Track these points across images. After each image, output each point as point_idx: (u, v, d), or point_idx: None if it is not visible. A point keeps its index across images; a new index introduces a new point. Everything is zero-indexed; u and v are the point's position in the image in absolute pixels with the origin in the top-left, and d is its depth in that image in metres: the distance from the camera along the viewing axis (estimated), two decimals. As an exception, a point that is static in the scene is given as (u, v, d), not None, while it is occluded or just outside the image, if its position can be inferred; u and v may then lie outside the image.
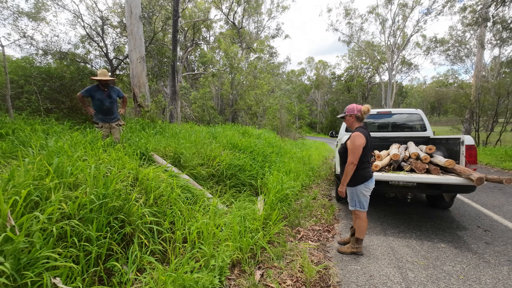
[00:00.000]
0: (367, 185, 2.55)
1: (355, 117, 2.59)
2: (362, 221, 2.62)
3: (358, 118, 2.59)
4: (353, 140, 2.45)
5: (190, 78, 18.33)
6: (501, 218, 3.66)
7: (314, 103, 52.25)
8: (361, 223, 2.62)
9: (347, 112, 2.63)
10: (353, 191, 2.59)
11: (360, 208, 2.60)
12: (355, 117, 2.59)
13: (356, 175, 2.51)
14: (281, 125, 16.12)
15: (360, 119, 2.59)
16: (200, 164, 4.00)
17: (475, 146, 3.34)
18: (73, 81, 7.21)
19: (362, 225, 2.62)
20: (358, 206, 2.60)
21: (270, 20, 27.56)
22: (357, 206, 2.61)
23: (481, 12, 13.01)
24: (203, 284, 1.79)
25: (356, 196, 2.59)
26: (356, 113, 2.57)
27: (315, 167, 7.22)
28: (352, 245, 2.69)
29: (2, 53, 6.33)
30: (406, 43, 24.40)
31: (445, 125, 26.00)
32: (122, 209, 2.16)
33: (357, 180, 2.53)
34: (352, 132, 2.57)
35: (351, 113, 2.59)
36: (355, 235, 2.69)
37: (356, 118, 2.59)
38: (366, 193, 2.57)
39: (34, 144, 2.83)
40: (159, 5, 11.36)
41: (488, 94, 13.17)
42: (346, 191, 2.65)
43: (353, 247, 2.68)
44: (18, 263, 1.45)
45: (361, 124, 2.61)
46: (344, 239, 2.96)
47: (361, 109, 2.56)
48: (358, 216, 2.63)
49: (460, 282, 2.17)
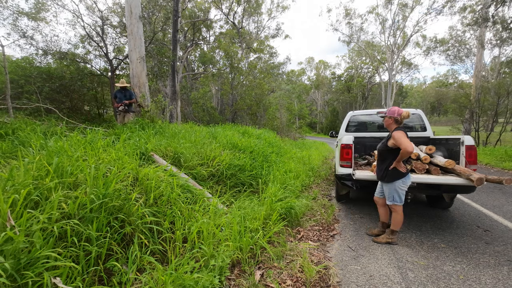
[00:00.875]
0: (405, 181, 2.76)
1: (394, 120, 2.78)
2: (398, 215, 2.81)
3: (396, 121, 2.78)
4: (400, 136, 2.62)
5: (190, 78, 18.32)
6: (501, 218, 3.66)
7: (314, 103, 52.28)
8: (397, 216, 2.82)
9: (388, 114, 2.81)
10: (391, 187, 2.79)
11: (397, 203, 2.79)
12: (394, 120, 2.79)
13: (394, 171, 2.74)
14: (281, 125, 16.13)
15: (398, 122, 2.79)
16: (200, 164, 4.00)
17: (475, 146, 3.34)
18: (73, 81, 7.22)
19: (398, 218, 2.82)
20: (396, 201, 2.78)
21: (270, 20, 27.58)
22: (394, 200, 2.79)
23: (481, 12, 13.02)
24: (203, 284, 1.79)
25: (395, 192, 2.77)
26: (396, 116, 2.76)
27: (315, 167, 7.22)
28: (388, 236, 2.92)
29: (2, 53, 6.33)
30: (406, 43, 24.40)
31: (445, 125, 26.02)
32: (122, 209, 2.16)
33: (395, 176, 2.74)
34: (391, 132, 2.76)
35: (392, 115, 2.78)
36: (390, 227, 2.91)
37: (394, 121, 2.79)
38: (403, 188, 2.77)
39: (34, 144, 2.83)
40: (159, 5, 11.36)
41: (488, 94, 13.17)
42: (383, 187, 2.90)
43: (388, 238, 2.91)
44: (18, 263, 1.45)
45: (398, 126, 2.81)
46: (373, 231, 3.18)
47: (402, 113, 2.75)
48: (395, 210, 2.82)
49: (460, 282, 2.17)
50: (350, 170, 3.61)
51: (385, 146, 2.82)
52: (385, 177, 2.81)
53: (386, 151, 2.82)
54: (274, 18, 25.89)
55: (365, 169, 4.02)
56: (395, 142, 2.66)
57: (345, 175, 3.66)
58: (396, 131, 2.69)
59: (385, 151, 2.82)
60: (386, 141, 2.84)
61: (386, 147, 2.80)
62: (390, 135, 2.79)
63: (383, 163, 2.84)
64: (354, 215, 3.92)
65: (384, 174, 2.82)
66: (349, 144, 3.67)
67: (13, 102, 6.29)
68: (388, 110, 2.84)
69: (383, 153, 2.86)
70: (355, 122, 5.25)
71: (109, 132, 4.91)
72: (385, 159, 2.84)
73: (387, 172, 2.79)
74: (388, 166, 2.77)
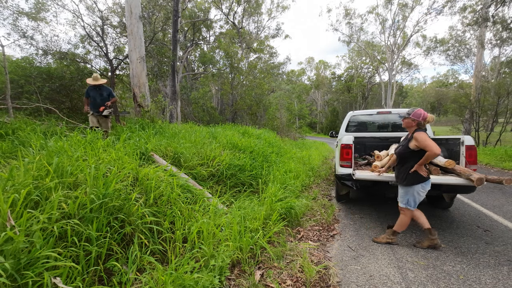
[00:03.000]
0: (424, 186, 2.65)
1: (417, 123, 2.64)
2: (407, 218, 2.77)
3: (419, 124, 2.64)
4: (425, 138, 2.52)
5: (190, 78, 18.32)
6: (501, 218, 3.66)
7: (314, 103, 52.25)
8: (406, 219, 2.77)
9: (412, 116, 2.65)
10: (409, 191, 2.68)
11: (410, 207, 2.71)
12: (417, 123, 2.64)
13: (415, 175, 2.63)
14: (281, 125, 16.12)
15: (420, 125, 2.65)
16: (200, 164, 4.00)
17: (475, 146, 3.34)
18: (73, 81, 7.22)
19: (406, 221, 2.78)
20: (410, 205, 2.70)
21: (270, 20, 27.57)
22: (408, 204, 2.70)
23: (481, 12, 13.01)
24: (203, 284, 1.79)
25: (411, 195, 2.67)
26: (420, 120, 2.62)
27: (315, 167, 7.22)
28: (388, 236, 2.88)
29: (2, 53, 6.33)
30: (406, 43, 24.41)
31: (445, 125, 25.99)
32: (122, 209, 2.16)
33: (415, 179, 2.63)
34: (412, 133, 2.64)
35: (416, 118, 2.63)
36: (394, 227, 2.85)
37: (417, 124, 2.65)
38: (422, 194, 2.66)
39: (34, 144, 2.83)
40: (159, 5, 11.36)
41: (488, 94, 13.17)
42: (399, 189, 2.79)
43: (389, 238, 2.87)
44: (18, 263, 1.45)
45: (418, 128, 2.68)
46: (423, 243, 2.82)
47: (427, 118, 2.62)
48: (404, 213, 2.76)
49: (460, 282, 2.17)
50: (350, 170, 3.61)
51: (407, 148, 2.68)
52: (404, 180, 2.69)
53: (407, 154, 2.68)
54: (274, 18, 25.89)
55: (365, 169, 4.02)
56: (419, 144, 2.54)
57: (345, 175, 3.66)
58: (418, 132, 2.57)
59: (407, 153, 2.68)
60: (407, 143, 2.69)
61: (408, 149, 2.66)
62: (412, 136, 2.65)
63: (404, 166, 2.72)
64: (354, 215, 3.92)
65: (404, 177, 2.70)
66: (349, 144, 3.67)
67: (13, 102, 6.30)
68: (412, 111, 2.68)
69: (405, 156, 2.71)
70: (355, 122, 5.25)
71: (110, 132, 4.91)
72: (406, 162, 2.70)
73: (407, 175, 2.67)
74: (409, 169, 2.65)
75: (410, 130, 2.71)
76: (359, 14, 26.58)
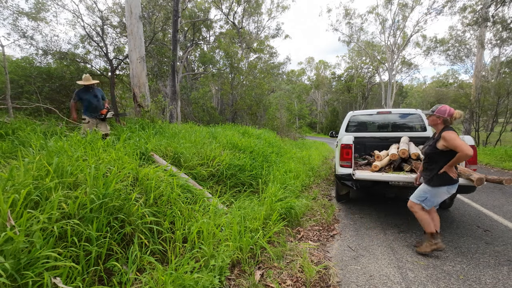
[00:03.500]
0: (450, 189, 2.50)
1: (443, 120, 2.49)
2: (421, 214, 2.60)
3: (445, 121, 2.49)
4: (454, 137, 2.35)
5: (190, 78, 18.32)
6: (501, 218, 3.66)
7: (314, 103, 52.25)
8: (421, 215, 2.60)
9: (437, 113, 2.49)
10: (433, 191, 2.53)
11: (426, 206, 2.58)
12: (442, 120, 2.49)
13: (444, 176, 2.47)
14: (281, 125, 16.12)
15: (447, 122, 2.49)
16: (200, 164, 4.00)
17: (475, 146, 3.34)
18: (73, 81, 7.21)
19: (423, 217, 2.59)
20: (426, 204, 2.57)
21: (270, 20, 27.57)
22: (425, 203, 2.57)
23: (481, 12, 13.02)
24: (203, 284, 1.79)
25: (433, 197, 2.54)
26: (446, 117, 2.46)
27: (315, 167, 7.22)
28: (430, 243, 2.59)
29: (2, 53, 6.34)
30: (406, 43, 24.41)
31: (445, 125, 25.93)
32: (122, 209, 2.16)
33: (442, 181, 2.48)
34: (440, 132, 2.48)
35: (442, 115, 2.47)
36: (425, 232, 2.63)
37: (443, 121, 2.49)
38: (444, 196, 2.54)
39: (34, 144, 2.83)
40: (159, 5, 11.36)
41: (488, 94, 13.18)
42: (421, 186, 2.64)
43: (432, 244, 2.58)
44: (18, 263, 1.45)
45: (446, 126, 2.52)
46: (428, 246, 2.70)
47: (454, 114, 2.43)
48: (415, 209, 2.63)
49: (460, 282, 2.17)
50: (350, 170, 3.61)
51: (434, 148, 2.51)
52: (431, 180, 2.54)
53: (437, 154, 2.51)
54: (274, 18, 25.89)
55: (365, 169, 4.02)
56: (447, 144, 2.37)
57: (345, 175, 3.66)
58: (446, 132, 2.40)
59: (436, 154, 2.51)
60: (434, 143, 2.52)
61: (435, 149, 2.49)
62: (439, 136, 2.48)
63: (432, 166, 2.55)
64: (354, 215, 3.92)
65: (431, 177, 2.54)
66: (349, 144, 3.68)
67: (13, 102, 6.30)
68: (436, 108, 2.51)
69: (433, 157, 2.55)
70: (355, 122, 5.25)
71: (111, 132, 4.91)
72: (435, 162, 2.53)
73: (434, 175, 2.52)
74: (437, 170, 2.49)
75: (437, 128, 2.56)
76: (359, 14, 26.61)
